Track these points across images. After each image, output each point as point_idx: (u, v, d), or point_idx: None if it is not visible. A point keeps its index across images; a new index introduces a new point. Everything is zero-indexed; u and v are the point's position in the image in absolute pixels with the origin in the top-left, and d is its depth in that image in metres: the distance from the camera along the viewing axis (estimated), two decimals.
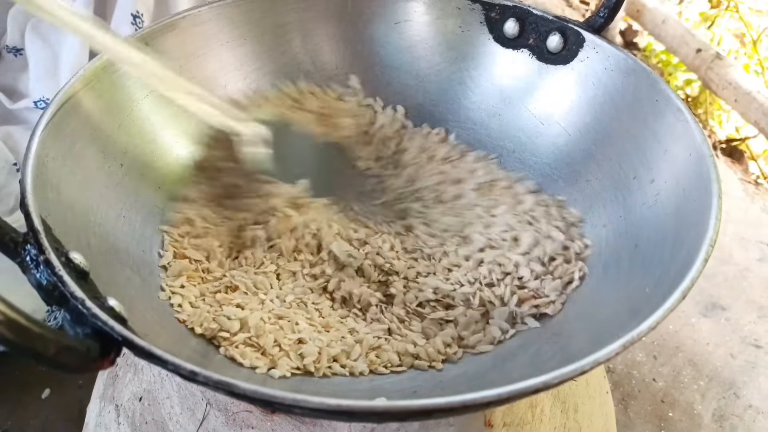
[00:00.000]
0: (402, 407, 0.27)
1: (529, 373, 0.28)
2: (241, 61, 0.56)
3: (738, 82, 1.13)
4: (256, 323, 0.41)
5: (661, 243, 0.40)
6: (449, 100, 0.58)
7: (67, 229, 0.36)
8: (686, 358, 0.77)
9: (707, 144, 0.41)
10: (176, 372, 0.28)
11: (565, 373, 0.28)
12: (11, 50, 0.68)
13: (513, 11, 0.55)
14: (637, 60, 0.48)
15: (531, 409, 0.45)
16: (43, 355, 0.24)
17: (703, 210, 0.37)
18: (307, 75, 0.59)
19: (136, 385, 0.46)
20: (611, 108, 0.50)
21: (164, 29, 0.51)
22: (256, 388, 0.27)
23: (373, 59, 0.60)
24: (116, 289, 0.35)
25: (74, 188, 0.40)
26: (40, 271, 0.31)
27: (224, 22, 0.55)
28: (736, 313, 0.84)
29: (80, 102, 0.43)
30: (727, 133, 1.31)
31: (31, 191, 0.35)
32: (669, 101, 0.45)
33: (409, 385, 0.40)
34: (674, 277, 0.34)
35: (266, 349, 0.40)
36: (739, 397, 0.73)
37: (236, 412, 0.42)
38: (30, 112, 0.68)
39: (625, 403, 0.72)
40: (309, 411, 0.28)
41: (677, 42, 1.30)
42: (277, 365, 0.39)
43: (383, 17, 0.59)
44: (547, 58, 0.54)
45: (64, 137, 0.41)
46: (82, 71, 0.44)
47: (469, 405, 0.27)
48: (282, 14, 0.58)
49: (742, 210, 1.04)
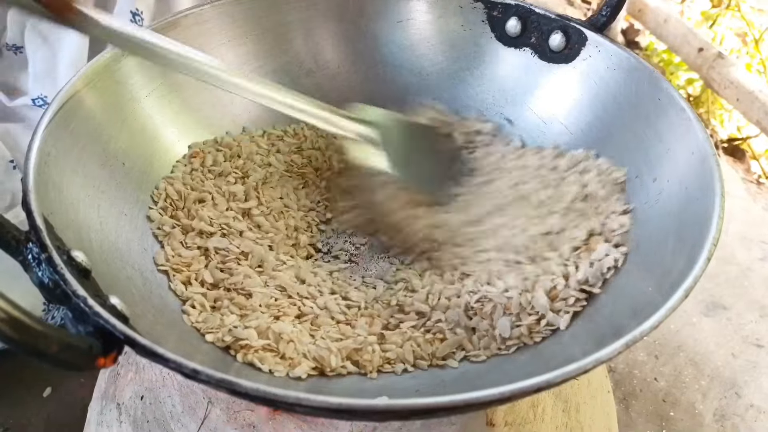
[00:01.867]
0: (404, 406, 0.27)
1: (531, 372, 0.28)
2: (243, 60, 0.56)
3: (740, 82, 1.13)
4: (278, 330, 0.40)
5: (664, 242, 0.40)
6: (451, 98, 0.58)
7: (69, 227, 0.36)
8: (688, 357, 0.77)
9: (710, 143, 0.41)
10: (178, 370, 0.28)
11: (567, 372, 0.28)
12: (11, 48, 0.68)
13: (515, 10, 0.55)
14: (639, 59, 0.48)
15: (533, 408, 0.45)
16: (46, 353, 0.25)
17: (706, 209, 0.37)
18: (309, 74, 0.59)
19: (137, 383, 0.46)
20: (614, 107, 0.49)
21: (166, 27, 0.51)
22: (258, 387, 0.27)
23: (375, 57, 0.60)
24: (118, 288, 0.36)
25: (76, 186, 0.40)
26: (42, 270, 0.31)
27: (226, 21, 0.55)
28: (737, 312, 0.84)
29: (82, 100, 0.43)
30: (728, 133, 1.30)
31: (33, 189, 0.35)
32: (672, 100, 0.45)
33: (411, 384, 0.40)
34: (677, 276, 0.34)
35: (285, 353, 0.40)
36: (741, 397, 0.73)
37: (238, 411, 0.42)
38: (28, 110, 0.68)
39: (627, 403, 0.72)
40: (311, 410, 0.28)
41: (679, 41, 1.29)
42: (296, 368, 0.39)
43: (385, 16, 0.59)
44: (550, 56, 0.54)
45: (66, 135, 0.41)
46: (85, 70, 0.44)
47: (471, 404, 0.27)
48: (283, 13, 0.58)
49: (744, 209, 1.03)
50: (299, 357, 0.39)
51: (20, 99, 0.67)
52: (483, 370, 0.40)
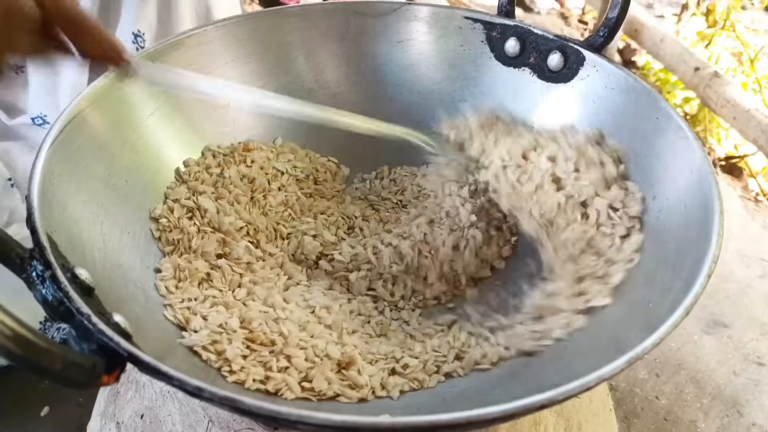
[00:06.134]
0: (407, 424, 0.27)
1: (533, 390, 0.28)
2: (246, 79, 0.56)
3: (736, 100, 1.14)
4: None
5: (664, 259, 0.40)
6: (451, 117, 0.58)
7: (73, 245, 0.36)
8: (689, 375, 0.77)
9: (708, 161, 0.41)
10: (181, 388, 0.28)
11: (569, 390, 0.28)
12: (13, 68, 0.68)
13: (514, 30, 0.56)
14: (637, 78, 0.49)
15: (535, 426, 0.45)
16: (50, 371, 0.25)
17: (706, 226, 0.37)
18: (310, 93, 0.59)
19: (137, 402, 0.46)
20: (612, 126, 0.50)
21: (170, 47, 0.52)
22: (261, 404, 0.27)
23: (375, 77, 0.60)
24: (121, 305, 0.36)
25: (80, 204, 0.40)
26: (46, 287, 0.31)
27: (230, 41, 0.56)
28: (738, 330, 0.84)
29: (86, 119, 0.44)
30: (726, 151, 1.31)
31: (38, 207, 0.35)
32: (670, 119, 0.45)
33: (413, 402, 0.40)
34: (677, 293, 0.34)
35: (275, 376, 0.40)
36: (743, 415, 0.73)
37: (238, 429, 0.42)
38: (27, 129, 0.68)
39: (628, 422, 0.71)
40: (313, 427, 0.28)
41: (675, 60, 1.31)
42: (288, 390, 0.39)
43: (385, 36, 0.60)
44: (548, 76, 0.55)
45: (70, 154, 0.41)
46: (88, 89, 0.45)
47: (473, 421, 0.27)
48: (285, 33, 0.58)
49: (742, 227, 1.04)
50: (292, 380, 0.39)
51: (20, 118, 0.68)
52: (485, 388, 0.40)
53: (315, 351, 0.41)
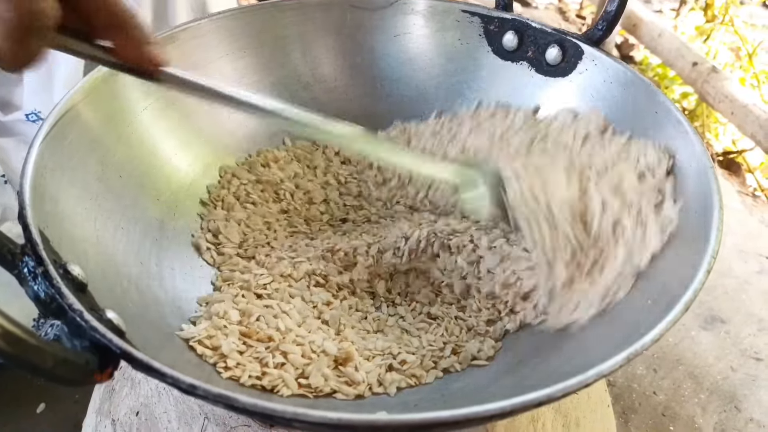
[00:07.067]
0: (404, 421, 0.27)
1: (532, 387, 0.28)
2: (241, 74, 0.56)
3: (734, 95, 1.14)
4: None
5: (663, 255, 0.39)
6: (448, 111, 0.58)
7: (65, 240, 0.36)
8: (687, 371, 0.77)
9: (707, 155, 0.41)
10: (175, 385, 0.27)
11: (568, 386, 0.28)
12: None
13: (512, 24, 0.55)
14: (636, 72, 0.49)
15: (533, 423, 0.45)
16: (41, 368, 0.24)
17: (705, 221, 0.37)
18: (306, 87, 0.59)
19: (132, 399, 0.46)
20: (610, 120, 0.50)
21: (164, 41, 0.51)
22: (256, 402, 0.27)
23: (372, 71, 0.60)
24: (113, 301, 0.35)
25: (72, 200, 0.40)
26: (38, 283, 0.31)
27: (224, 35, 0.55)
28: (736, 325, 0.83)
29: (79, 114, 0.43)
30: (723, 146, 1.31)
31: (30, 203, 0.35)
32: (668, 113, 0.45)
33: (410, 398, 0.39)
34: (676, 289, 0.33)
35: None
36: (741, 411, 0.72)
37: (234, 426, 0.42)
38: (21, 125, 0.68)
39: (626, 417, 0.71)
40: (309, 425, 0.27)
41: (673, 55, 1.31)
42: (285, 387, 0.39)
43: (382, 30, 0.59)
44: (546, 70, 0.54)
45: (63, 149, 0.41)
46: (81, 83, 0.44)
47: (471, 418, 0.27)
48: (281, 27, 0.58)
49: (740, 222, 1.04)
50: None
51: (13, 114, 0.67)
52: (482, 384, 0.40)
53: (312, 347, 0.41)
